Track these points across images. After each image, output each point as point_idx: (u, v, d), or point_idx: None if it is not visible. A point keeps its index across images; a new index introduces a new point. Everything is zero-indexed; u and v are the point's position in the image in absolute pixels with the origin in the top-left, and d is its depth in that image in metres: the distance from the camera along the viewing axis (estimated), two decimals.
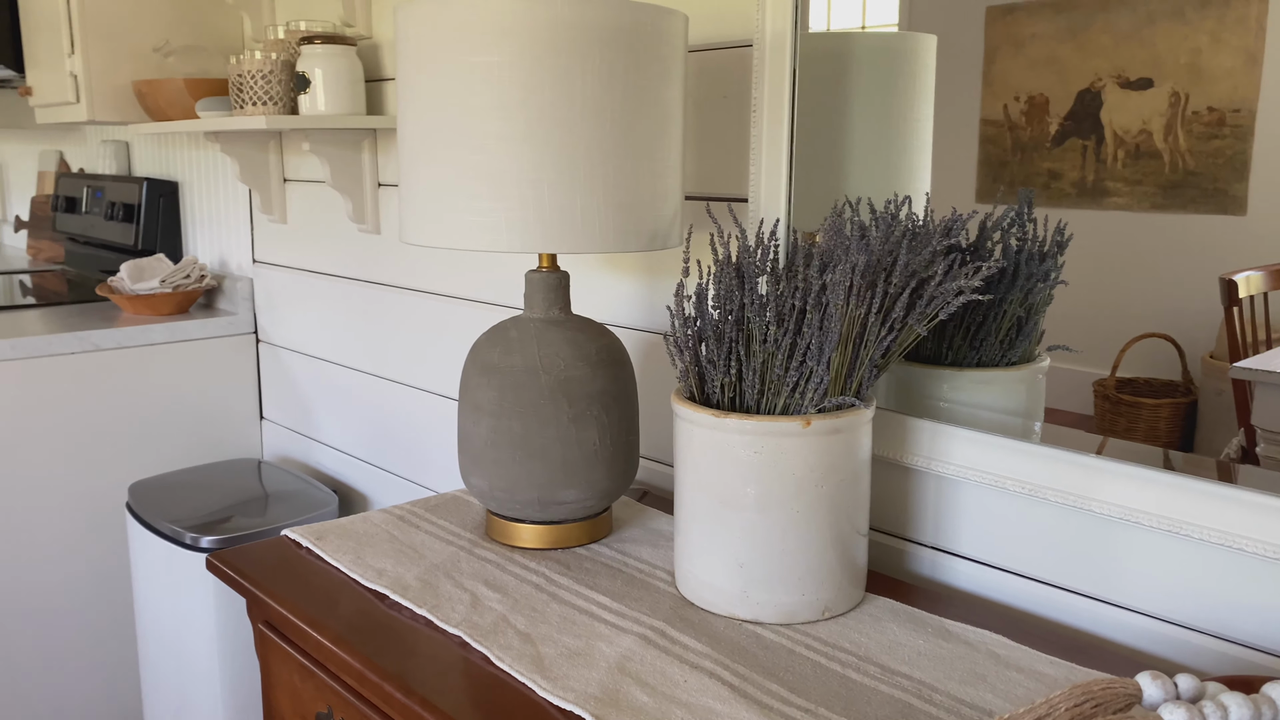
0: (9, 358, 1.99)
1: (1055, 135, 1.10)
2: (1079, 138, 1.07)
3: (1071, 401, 1.05)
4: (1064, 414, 1.06)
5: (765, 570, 0.96)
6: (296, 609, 1.01)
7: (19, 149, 3.64)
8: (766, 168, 1.19)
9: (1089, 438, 1.01)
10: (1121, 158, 1.03)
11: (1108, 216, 1.04)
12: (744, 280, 1.02)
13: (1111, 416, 1.03)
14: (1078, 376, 1.05)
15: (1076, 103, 1.08)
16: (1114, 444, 1.01)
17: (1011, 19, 1.13)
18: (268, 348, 2.30)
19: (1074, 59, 1.07)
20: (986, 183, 1.15)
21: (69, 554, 2.10)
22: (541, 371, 1.10)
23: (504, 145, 0.99)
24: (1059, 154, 1.09)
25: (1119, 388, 1.02)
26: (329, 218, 2.03)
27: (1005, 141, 1.13)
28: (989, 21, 1.15)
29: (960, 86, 1.14)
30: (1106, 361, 1.01)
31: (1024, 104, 1.14)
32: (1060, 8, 1.09)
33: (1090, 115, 1.06)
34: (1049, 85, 1.10)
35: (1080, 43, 1.07)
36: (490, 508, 1.17)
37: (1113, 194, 1.04)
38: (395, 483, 1.97)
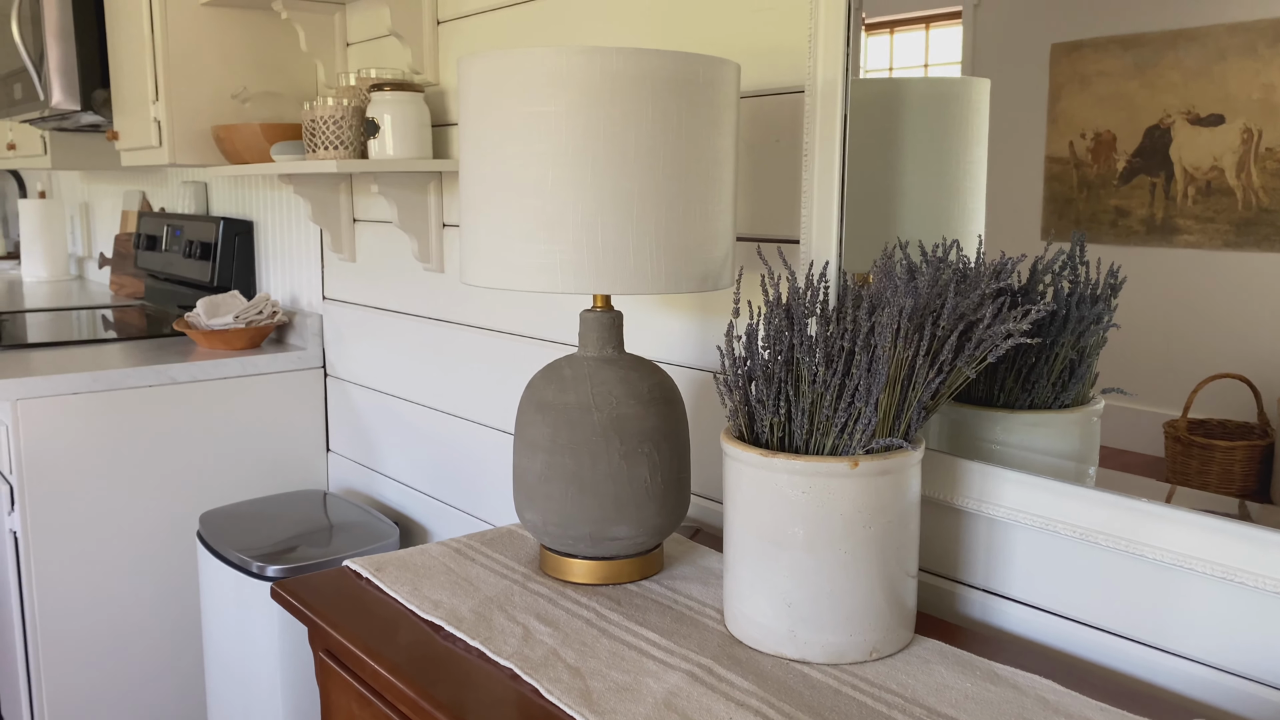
0: (92, 389, 2.08)
1: (1123, 172, 1.09)
2: (1148, 175, 1.06)
3: (1141, 443, 1.04)
4: (1133, 455, 1.05)
5: (813, 610, 0.97)
6: (355, 638, 1.05)
7: (105, 189, 3.81)
8: (818, 210, 1.21)
9: (1151, 483, 1.00)
10: (1192, 195, 1.02)
11: (1178, 254, 1.03)
12: (793, 321, 1.04)
13: (1183, 459, 1.01)
14: (1148, 417, 1.03)
15: (1145, 139, 1.07)
16: (1185, 488, 1.00)
17: (1077, 55, 1.13)
18: (335, 382, 2.36)
19: (1142, 95, 1.07)
20: (1052, 220, 1.15)
21: (142, 578, 2.18)
22: (594, 409, 1.13)
23: (560, 190, 1.03)
24: (1127, 191, 1.09)
25: (1191, 429, 1.00)
26: (395, 256, 2.09)
27: (1071, 179, 1.13)
28: (1054, 58, 1.16)
29: (1025, 124, 1.14)
30: (1178, 402, 1.00)
31: (1090, 141, 1.13)
32: (1128, 44, 1.09)
33: (1159, 152, 1.05)
34: (1116, 122, 1.09)
35: (1148, 79, 1.06)
36: (544, 542, 1.19)
37: (1183, 231, 1.03)
38: (454, 515, 2.00)
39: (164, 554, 2.20)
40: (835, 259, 1.20)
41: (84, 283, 3.90)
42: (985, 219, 1.18)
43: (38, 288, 3.75)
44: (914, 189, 1.20)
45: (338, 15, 2.15)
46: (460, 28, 1.84)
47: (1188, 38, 1.02)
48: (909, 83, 1.21)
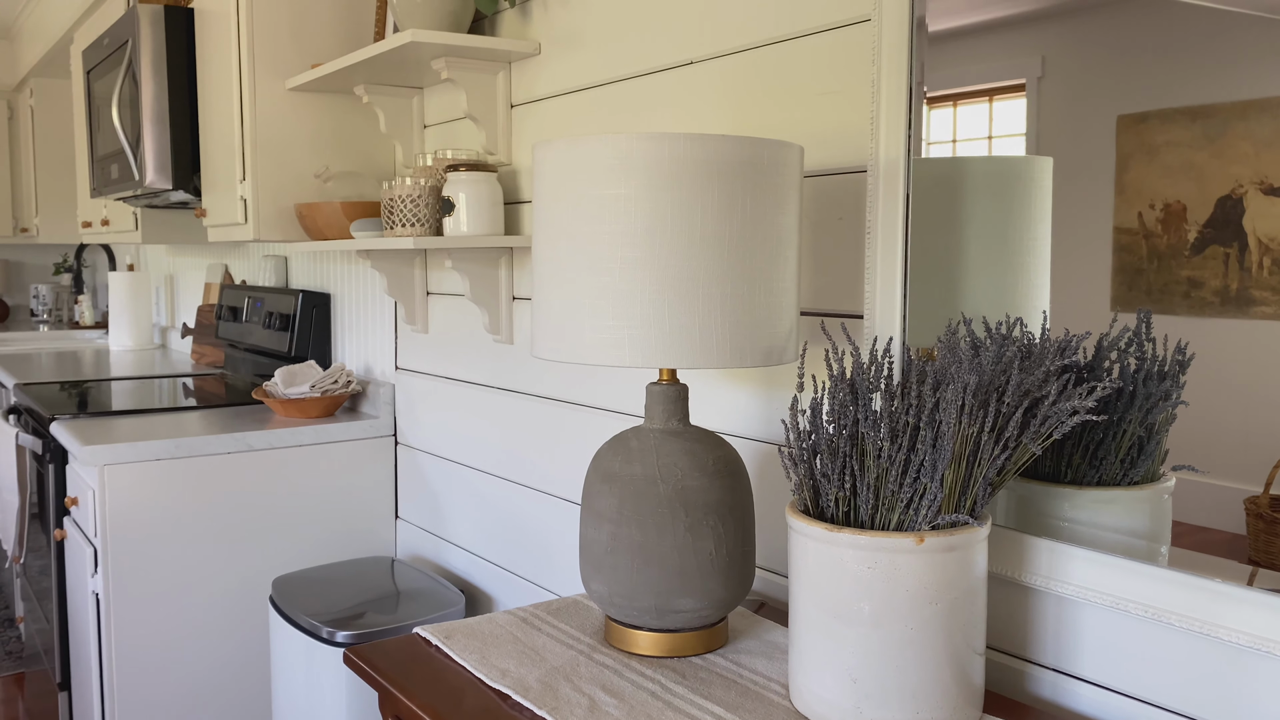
0: (174, 456, 2.16)
1: (1194, 243, 1.09)
2: (1220, 245, 1.06)
3: (1221, 520, 1.02)
4: (1214, 533, 1.03)
5: (879, 686, 0.97)
6: (425, 705, 1.07)
7: (189, 262, 3.97)
8: (881, 286, 1.23)
9: (1230, 564, 0.98)
10: (1268, 265, 1.01)
11: (1255, 325, 1.02)
12: (858, 396, 1.05)
13: (1266, 536, 1.00)
14: (1228, 493, 1.01)
15: (1216, 210, 1.07)
16: (1268, 570, 0.98)
17: (1144, 127, 1.14)
18: (405, 450, 2.42)
19: (1212, 165, 1.07)
20: (1122, 291, 1.15)
21: (216, 640, 2.23)
22: (660, 481, 1.15)
23: (629, 269, 1.07)
24: (1199, 262, 1.08)
25: (1273, 506, 0.99)
26: (467, 328, 2.15)
27: (1141, 250, 1.13)
28: (1120, 130, 1.17)
29: (1092, 195, 1.15)
30: (1259, 477, 0.98)
31: (1160, 211, 1.14)
32: (1196, 115, 1.10)
33: (1232, 222, 1.05)
34: (1186, 192, 1.10)
35: (1218, 149, 1.07)
36: (609, 613, 1.20)
37: (1259, 303, 1.02)
38: (519, 584, 2.02)
39: (237, 617, 2.25)
40: (899, 334, 1.21)
41: (166, 351, 4.06)
42: (1050, 294, 1.19)
43: (124, 356, 3.90)
44: (977, 265, 1.22)
45: (416, 99, 2.25)
46: (532, 110, 1.91)
47: (1258, 108, 1.03)
48: (971, 161, 1.23)
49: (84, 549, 2.20)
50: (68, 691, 2.47)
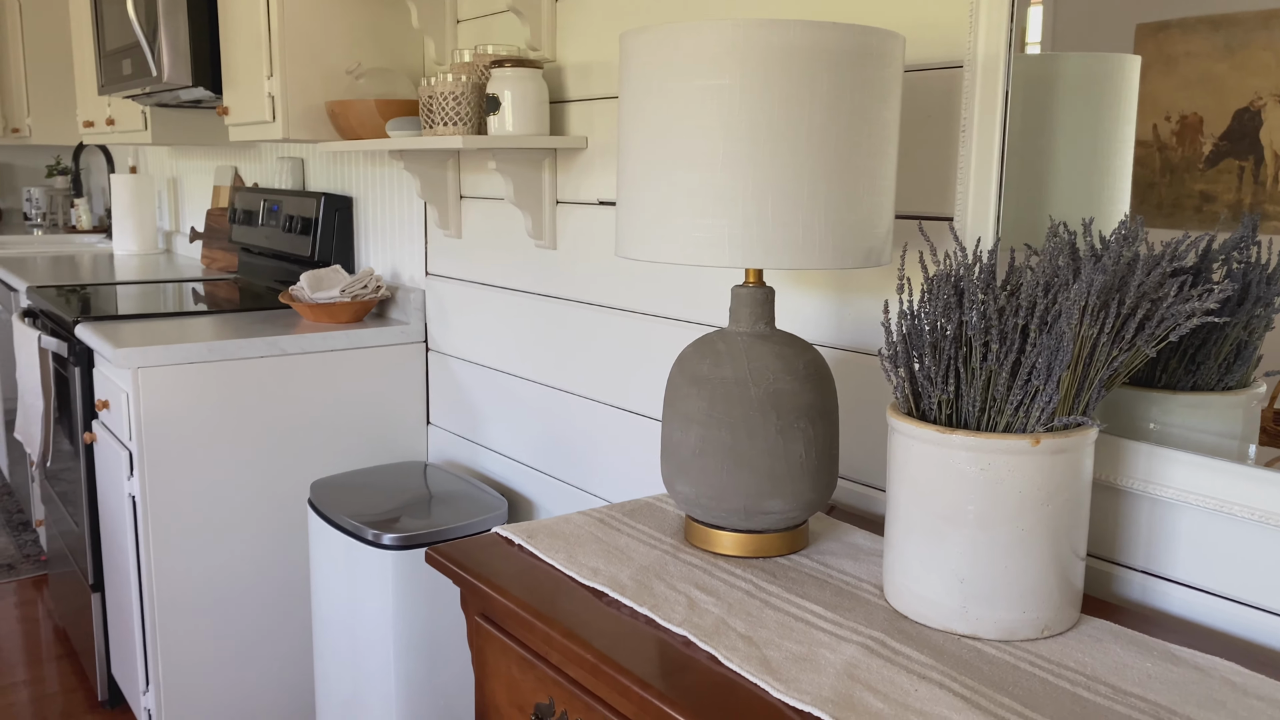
0: (206, 359, 2.13)
1: (1209, 156, 1.07)
2: (1235, 158, 1.04)
3: None
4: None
5: (986, 587, 0.97)
6: (522, 602, 1.07)
7: (193, 165, 3.88)
8: (974, 188, 1.20)
9: None
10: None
11: (1268, 241, 1.01)
12: (962, 298, 1.03)
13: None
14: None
15: (1234, 122, 1.05)
16: None
17: (1163, 36, 1.11)
18: (437, 356, 2.40)
19: (1232, 77, 1.05)
20: (1133, 205, 1.13)
21: (252, 542, 2.23)
22: (751, 384, 1.14)
23: (731, 165, 1.03)
24: (1212, 175, 1.07)
25: (1275, 419, 0.99)
26: (505, 233, 2.11)
27: (1154, 163, 1.12)
28: (1139, 39, 1.14)
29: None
30: None
31: (1175, 124, 1.12)
32: (1217, 24, 1.07)
33: (1248, 135, 1.03)
34: (1203, 104, 1.07)
35: (1239, 60, 1.04)
36: (693, 515, 1.20)
37: (1272, 217, 1.01)
38: (562, 489, 2.02)
39: (273, 520, 2.25)
40: (991, 236, 1.19)
41: (172, 256, 3.99)
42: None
43: (129, 260, 3.83)
44: (1064, 166, 1.19)
45: None
46: (578, 4, 1.84)
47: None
48: (1063, 59, 1.19)
49: (117, 452, 2.18)
50: (100, 593, 2.48)
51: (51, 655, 2.85)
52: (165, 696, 2.18)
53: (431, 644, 1.93)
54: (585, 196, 1.88)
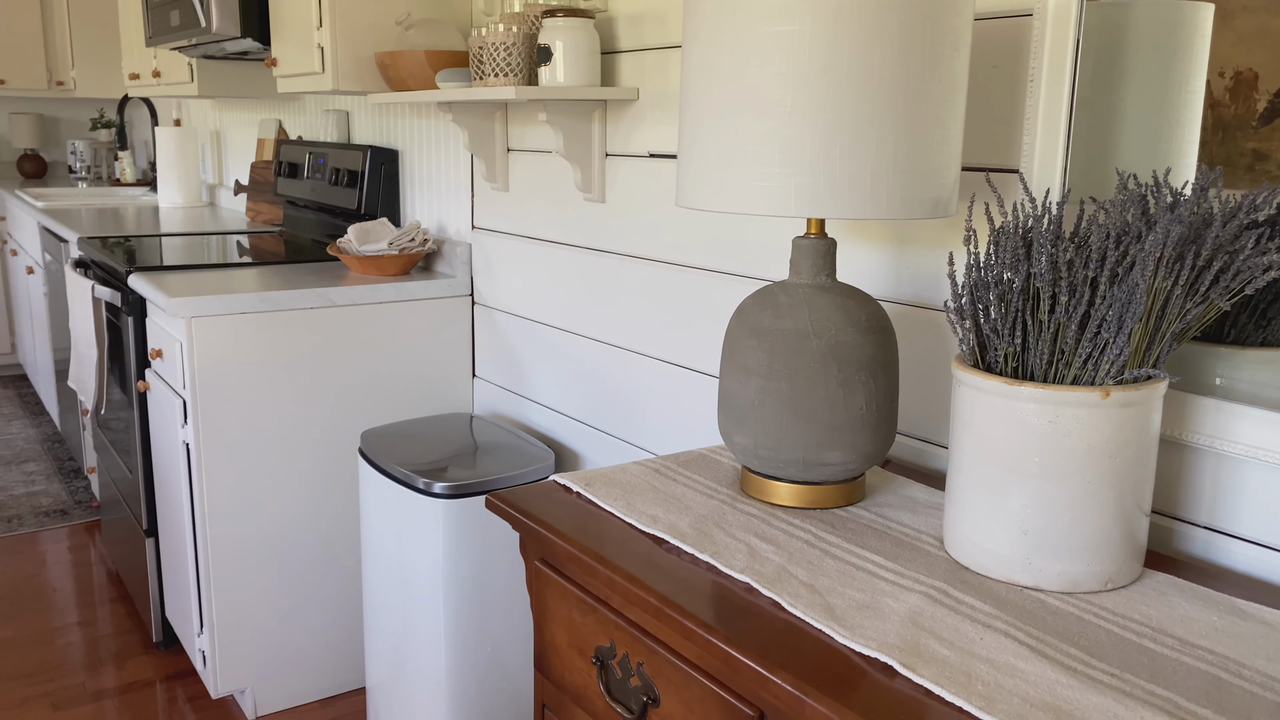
0: (259, 309, 2.16)
1: (1263, 113, 1.05)
2: None
3: None
4: None
5: (1050, 539, 0.97)
6: (583, 548, 1.08)
7: (237, 118, 3.89)
8: (1041, 139, 1.18)
9: None
10: None
11: None
12: (1030, 249, 1.02)
13: None
14: None
15: None
16: None
17: None
18: (483, 309, 2.41)
19: None
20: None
21: (302, 489, 2.27)
22: (813, 335, 1.13)
23: (800, 112, 1.02)
24: (1266, 133, 1.05)
25: None
26: (553, 187, 2.11)
27: (1206, 120, 1.09)
28: None
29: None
30: None
31: (1230, 80, 1.09)
32: None
33: None
34: (1259, 60, 1.05)
35: None
36: (751, 465, 1.21)
37: None
38: (608, 441, 2.04)
39: (324, 467, 2.29)
40: (1059, 188, 1.17)
41: (216, 209, 4.02)
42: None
43: (174, 213, 3.87)
44: (1131, 118, 1.17)
45: None
46: None
47: None
48: (1132, 7, 1.17)
49: (171, 400, 2.22)
50: (154, 538, 2.53)
51: (105, 598, 2.93)
52: (219, 639, 2.23)
53: (479, 591, 1.96)
54: (635, 149, 1.87)
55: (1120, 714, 0.76)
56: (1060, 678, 0.82)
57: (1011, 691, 0.80)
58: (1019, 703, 0.78)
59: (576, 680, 1.15)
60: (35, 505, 3.57)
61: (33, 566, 3.12)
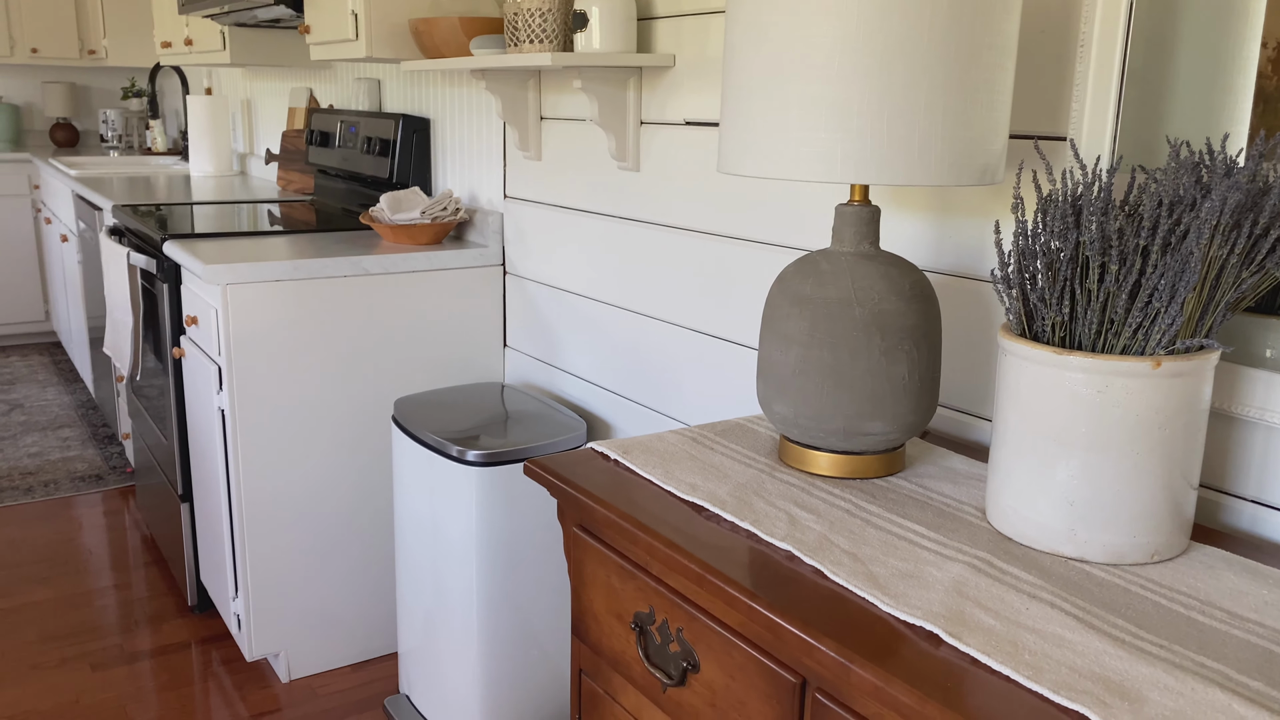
0: (292, 277, 2.17)
1: None
2: None
3: None
4: None
5: (1096, 510, 0.96)
6: (622, 514, 1.08)
7: (268, 86, 3.90)
8: (1091, 106, 1.16)
9: None
10: None
11: None
12: (1080, 217, 1.00)
13: None
14: None
15: None
16: None
17: None
18: (514, 279, 2.41)
19: None
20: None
21: (336, 455, 2.29)
22: (856, 304, 1.12)
23: (848, 76, 1.01)
24: None
25: None
26: (586, 155, 2.10)
27: None
28: None
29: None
30: None
31: (1273, 50, 1.07)
32: None
33: None
34: None
35: None
36: (790, 435, 1.20)
37: None
38: (640, 412, 2.04)
39: (357, 434, 2.30)
40: (1108, 156, 1.15)
41: (247, 178, 4.03)
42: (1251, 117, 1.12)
43: (205, 182, 3.88)
44: (1182, 84, 1.14)
45: None
46: None
47: None
48: None
49: (207, 366, 2.23)
50: (189, 503, 2.56)
51: (140, 562, 2.97)
52: (254, 603, 2.26)
53: (510, 558, 1.97)
54: (671, 117, 1.85)
55: (1171, 685, 0.76)
56: (1108, 648, 0.81)
57: (1059, 661, 0.79)
58: (1067, 672, 0.77)
59: (614, 645, 1.16)
60: (71, 470, 3.62)
61: (69, 530, 3.16)
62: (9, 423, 4.11)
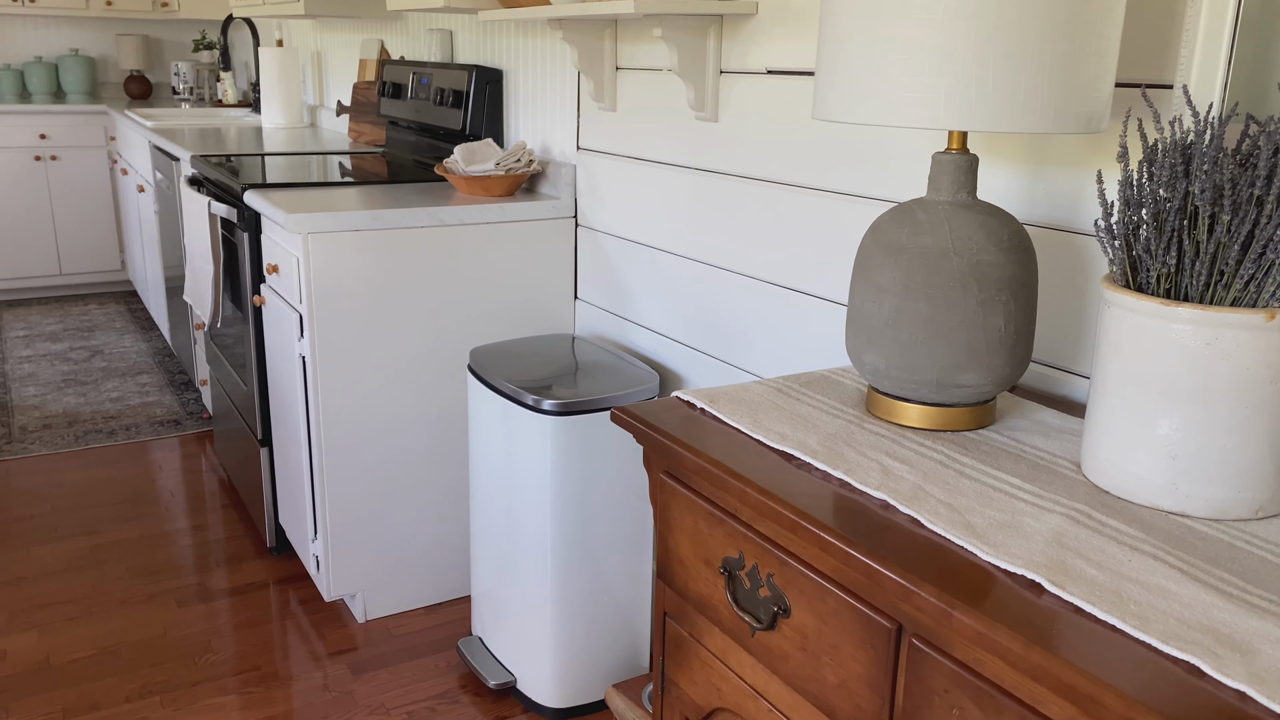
0: (371, 227, 2.19)
1: None
2: None
3: None
4: None
5: (1199, 464, 0.95)
6: (714, 461, 1.09)
7: (337, 38, 3.92)
8: (1201, 52, 1.13)
9: None
10: None
11: None
12: (1189, 166, 0.98)
13: None
14: None
15: None
16: None
17: None
18: (586, 231, 2.41)
19: None
20: None
21: (412, 401, 2.33)
22: (954, 254, 1.11)
23: (952, 19, 0.99)
24: None
25: None
26: (663, 106, 2.08)
27: None
28: None
29: None
30: None
31: None
32: None
33: None
34: None
35: None
36: (881, 386, 1.20)
37: None
38: (713, 364, 2.04)
39: (434, 383, 2.34)
40: (1219, 104, 1.12)
41: (317, 130, 4.07)
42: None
43: (277, 133, 3.93)
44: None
45: None
46: None
47: None
48: None
49: (287, 314, 2.28)
50: (268, 447, 2.63)
51: (217, 504, 3.06)
52: (332, 545, 2.32)
53: (582, 506, 2.00)
54: (752, 66, 1.83)
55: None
56: (1215, 601, 0.81)
57: (1166, 612, 0.79)
58: (1175, 623, 0.77)
59: (701, 589, 1.17)
60: (150, 415, 3.73)
61: (150, 472, 3.27)
62: (90, 368, 4.24)
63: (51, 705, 2.12)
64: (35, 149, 5.08)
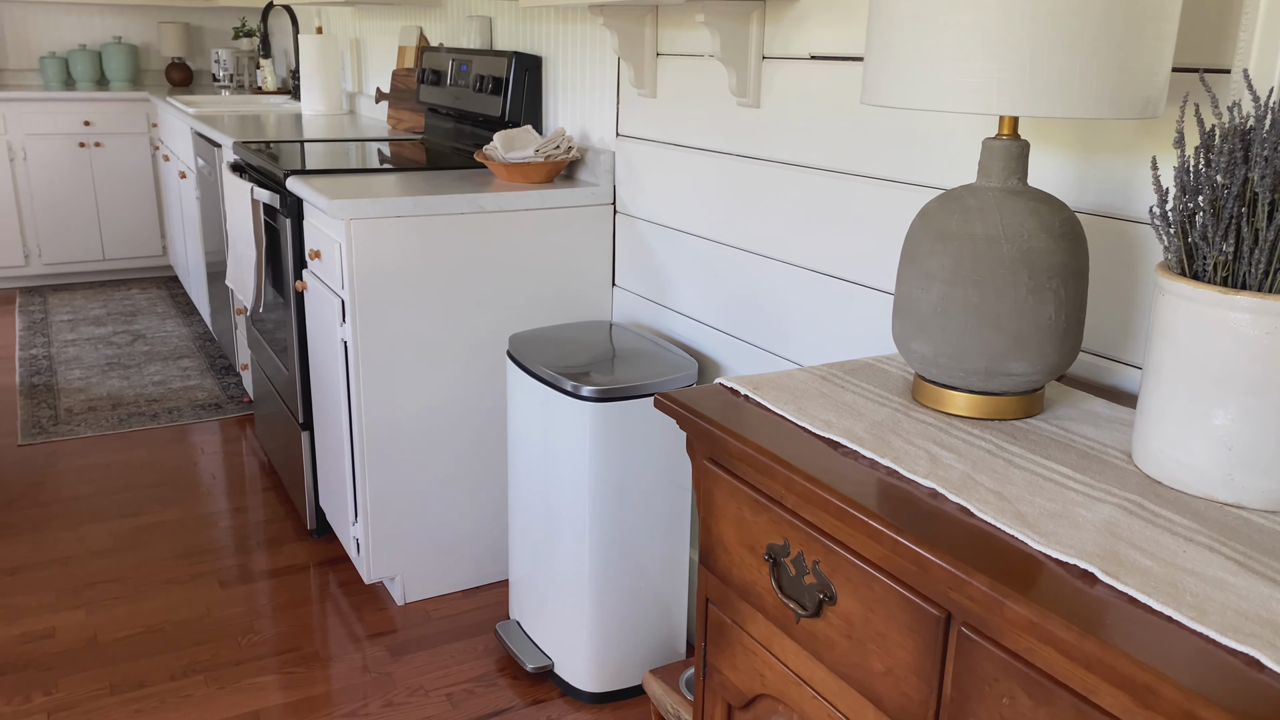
0: (413, 213, 2.21)
1: None
2: None
3: None
4: None
5: (1256, 455, 0.93)
6: (759, 448, 1.09)
7: (376, 25, 3.94)
8: (1261, 35, 1.10)
9: None
10: None
11: None
12: (1249, 153, 0.96)
13: None
14: None
15: None
16: None
17: None
18: (625, 218, 2.41)
19: None
20: None
21: (452, 386, 2.34)
22: (1004, 241, 1.10)
23: (1006, 3, 0.98)
24: None
25: None
26: (703, 92, 2.08)
27: None
28: None
29: None
30: None
31: None
32: None
33: None
34: None
35: None
36: (928, 375, 1.19)
37: None
38: (751, 352, 2.04)
39: (473, 367, 2.35)
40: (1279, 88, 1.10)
41: (356, 117, 4.10)
42: None
43: (316, 120, 3.96)
44: None
45: None
46: None
47: None
48: None
49: (329, 299, 2.30)
50: (309, 431, 2.66)
51: (258, 487, 3.10)
52: (373, 528, 2.35)
53: (620, 492, 2.00)
54: (795, 51, 1.82)
55: None
56: (1274, 593, 0.80)
57: (1223, 604, 0.78)
58: (1233, 615, 0.76)
59: (745, 576, 1.18)
60: (192, 399, 3.78)
61: (192, 455, 3.32)
62: (133, 352, 4.31)
63: (99, 682, 2.16)
64: (80, 135, 5.15)
